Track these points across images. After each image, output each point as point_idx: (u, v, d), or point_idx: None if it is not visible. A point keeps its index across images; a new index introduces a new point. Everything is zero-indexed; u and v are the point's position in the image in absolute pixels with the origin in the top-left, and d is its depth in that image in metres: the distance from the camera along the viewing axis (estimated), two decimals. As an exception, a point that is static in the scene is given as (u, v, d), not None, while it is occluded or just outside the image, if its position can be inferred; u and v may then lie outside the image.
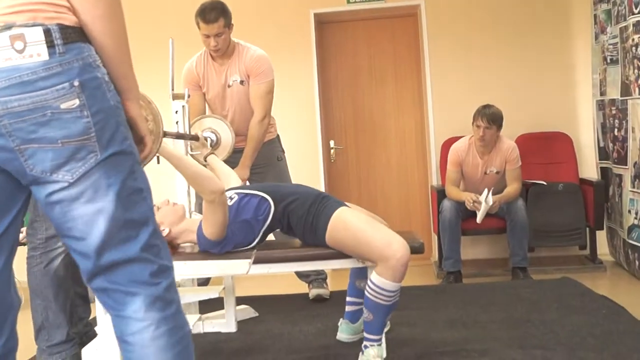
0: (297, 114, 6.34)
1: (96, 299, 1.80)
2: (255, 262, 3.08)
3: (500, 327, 3.73)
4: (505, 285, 4.95)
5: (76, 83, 1.55)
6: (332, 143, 6.68)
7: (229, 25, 4.40)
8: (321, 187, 6.26)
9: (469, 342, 3.46)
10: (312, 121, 6.42)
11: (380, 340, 3.05)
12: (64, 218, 1.62)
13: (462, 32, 6.36)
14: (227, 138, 4.16)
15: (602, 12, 5.58)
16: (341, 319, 3.65)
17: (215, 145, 4.11)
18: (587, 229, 5.66)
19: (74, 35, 1.58)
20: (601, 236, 5.82)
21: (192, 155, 3.88)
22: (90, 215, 1.60)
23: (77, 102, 1.56)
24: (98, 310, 2.78)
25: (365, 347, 3.06)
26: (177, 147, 3.71)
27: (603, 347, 3.26)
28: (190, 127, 3.91)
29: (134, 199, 1.67)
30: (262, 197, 3.16)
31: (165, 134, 3.07)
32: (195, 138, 3.90)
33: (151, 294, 1.68)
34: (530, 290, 4.65)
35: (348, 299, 3.61)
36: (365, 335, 3.07)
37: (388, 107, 6.70)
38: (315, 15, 6.45)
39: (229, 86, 4.55)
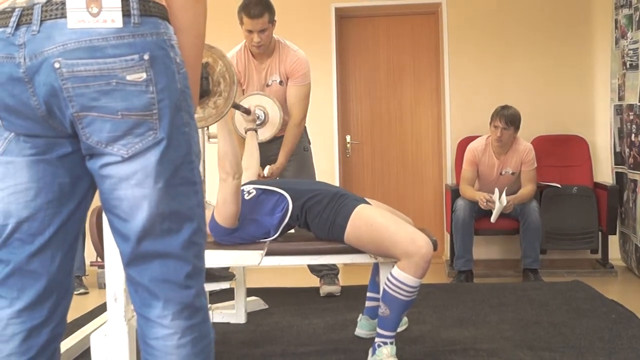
0: (315, 107, 6.28)
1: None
2: (267, 254, 3.07)
3: (509, 328, 3.74)
4: (516, 286, 4.95)
5: (146, 56, 1.48)
6: (348, 138, 6.70)
7: (272, 21, 4.30)
8: (336, 181, 6.29)
9: (478, 341, 3.48)
10: (329, 115, 6.44)
11: (393, 338, 3.01)
12: (111, 195, 1.55)
13: (482, 32, 6.35)
14: (275, 116, 4.12)
15: (624, 17, 5.55)
16: (360, 315, 3.63)
17: (262, 123, 4.09)
18: (600, 233, 5.65)
19: (153, 9, 1.52)
20: (613, 241, 5.81)
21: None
22: (136, 199, 1.53)
23: (144, 75, 1.49)
24: (108, 296, 2.75)
25: (379, 345, 3.00)
26: None
27: (612, 351, 3.26)
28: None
29: (183, 191, 1.59)
30: (281, 194, 3.15)
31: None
32: (248, 112, 3.84)
33: (180, 301, 1.61)
34: (541, 292, 4.65)
35: (368, 294, 3.57)
36: (379, 331, 3.03)
37: (405, 104, 6.70)
38: (337, 9, 6.46)
39: (267, 85, 4.47)
